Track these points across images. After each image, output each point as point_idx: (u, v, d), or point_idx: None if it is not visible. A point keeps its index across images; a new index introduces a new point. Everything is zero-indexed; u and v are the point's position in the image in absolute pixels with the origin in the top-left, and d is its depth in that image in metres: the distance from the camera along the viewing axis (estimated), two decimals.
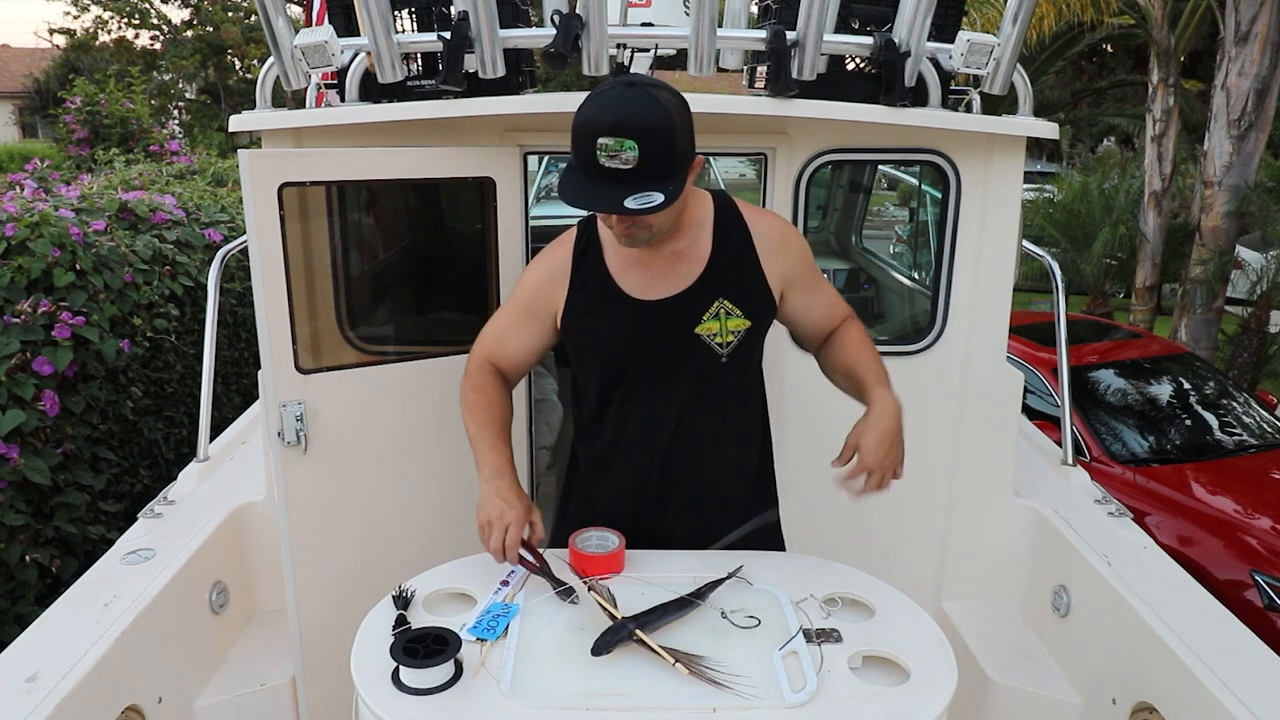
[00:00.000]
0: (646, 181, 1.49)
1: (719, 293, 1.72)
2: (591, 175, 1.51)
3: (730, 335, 1.73)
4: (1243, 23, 6.89)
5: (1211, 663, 1.85)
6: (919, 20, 2.13)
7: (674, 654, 1.38)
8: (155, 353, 4.18)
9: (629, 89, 1.49)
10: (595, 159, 1.49)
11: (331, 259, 2.38)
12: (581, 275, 1.76)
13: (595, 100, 1.50)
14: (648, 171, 1.49)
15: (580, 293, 1.76)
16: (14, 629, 2.73)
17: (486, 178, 2.30)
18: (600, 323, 1.75)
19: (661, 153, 1.50)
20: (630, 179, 1.49)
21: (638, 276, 1.74)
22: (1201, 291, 7.49)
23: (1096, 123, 16.12)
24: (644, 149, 1.47)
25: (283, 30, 2.11)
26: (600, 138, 1.47)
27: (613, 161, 1.48)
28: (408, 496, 2.36)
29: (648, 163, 1.48)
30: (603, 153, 1.47)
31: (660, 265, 1.73)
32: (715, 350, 1.73)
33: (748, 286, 1.74)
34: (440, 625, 1.47)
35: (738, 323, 1.73)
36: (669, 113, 1.50)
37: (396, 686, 1.36)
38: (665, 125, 1.49)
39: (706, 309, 1.71)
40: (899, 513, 2.70)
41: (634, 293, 1.73)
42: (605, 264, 1.76)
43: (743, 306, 1.73)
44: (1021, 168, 2.45)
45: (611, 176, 1.49)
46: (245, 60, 21.85)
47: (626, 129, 1.46)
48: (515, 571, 1.66)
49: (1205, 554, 3.87)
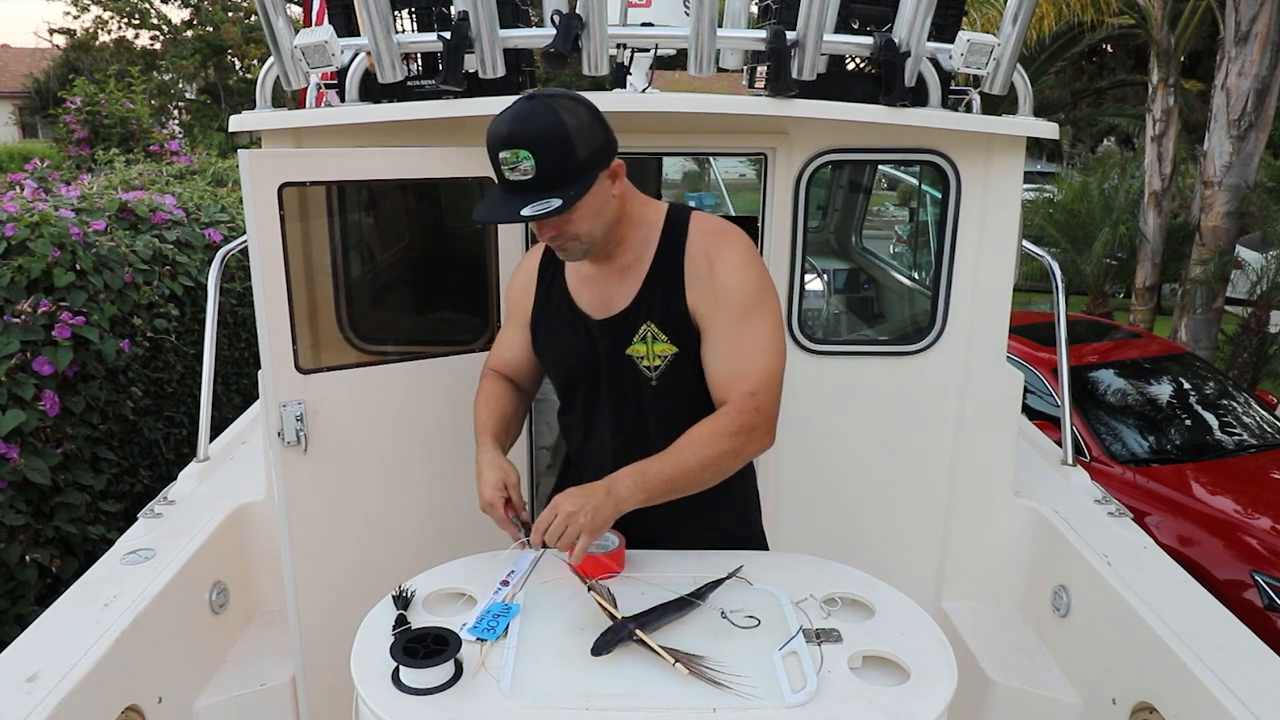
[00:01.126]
0: (545, 189, 1.52)
1: (646, 315, 1.69)
2: (504, 189, 1.57)
3: (658, 360, 1.70)
4: (1243, 23, 6.89)
5: (1211, 663, 1.85)
6: (919, 20, 2.13)
7: (674, 654, 1.38)
8: (155, 353, 4.18)
9: (527, 101, 1.54)
10: (503, 173, 1.54)
11: (331, 259, 2.38)
12: (544, 287, 1.82)
13: (498, 116, 1.55)
14: (546, 179, 1.52)
15: (543, 304, 1.83)
16: (14, 629, 2.73)
17: (486, 178, 2.30)
18: (557, 335, 1.80)
19: (559, 159, 1.51)
20: (530, 188, 1.53)
21: (589, 293, 1.76)
22: (1201, 291, 7.49)
23: (1096, 123, 16.12)
24: (539, 158, 1.50)
25: (283, 30, 2.12)
26: (500, 151, 1.52)
27: (514, 174, 1.52)
28: (408, 496, 2.36)
29: (545, 171, 1.51)
30: (504, 166, 1.53)
31: (606, 283, 1.74)
32: (645, 373, 1.71)
33: (670, 310, 1.68)
34: (440, 625, 1.47)
35: (663, 347, 1.69)
36: (563, 121, 1.52)
37: (396, 686, 1.36)
38: (559, 133, 1.51)
39: (635, 331, 1.70)
40: (899, 513, 2.70)
41: (585, 309, 1.76)
42: (564, 278, 1.80)
43: (667, 331, 1.68)
44: (1021, 168, 2.46)
45: (515, 188, 1.54)
46: (245, 60, 21.86)
47: (519, 139, 1.50)
48: (515, 571, 1.66)
49: (1205, 554, 3.87)
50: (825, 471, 2.66)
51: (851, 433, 2.63)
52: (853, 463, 2.66)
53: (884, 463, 2.64)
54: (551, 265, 1.82)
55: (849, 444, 2.65)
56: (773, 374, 1.65)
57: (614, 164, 1.61)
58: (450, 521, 2.30)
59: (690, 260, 1.67)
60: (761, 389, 1.63)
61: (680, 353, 1.69)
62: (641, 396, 1.74)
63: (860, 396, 2.59)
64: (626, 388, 1.74)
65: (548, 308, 1.81)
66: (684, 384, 1.71)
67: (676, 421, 1.67)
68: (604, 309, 1.73)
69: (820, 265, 4.42)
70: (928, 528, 2.71)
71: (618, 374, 1.74)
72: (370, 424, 2.27)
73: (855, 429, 2.63)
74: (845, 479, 2.67)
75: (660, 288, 1.68)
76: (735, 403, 1.62)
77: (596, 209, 1.60)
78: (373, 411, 2.27)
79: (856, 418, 2.62)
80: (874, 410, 2.59)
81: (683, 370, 1.70)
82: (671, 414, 1.72)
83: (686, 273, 1.67)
